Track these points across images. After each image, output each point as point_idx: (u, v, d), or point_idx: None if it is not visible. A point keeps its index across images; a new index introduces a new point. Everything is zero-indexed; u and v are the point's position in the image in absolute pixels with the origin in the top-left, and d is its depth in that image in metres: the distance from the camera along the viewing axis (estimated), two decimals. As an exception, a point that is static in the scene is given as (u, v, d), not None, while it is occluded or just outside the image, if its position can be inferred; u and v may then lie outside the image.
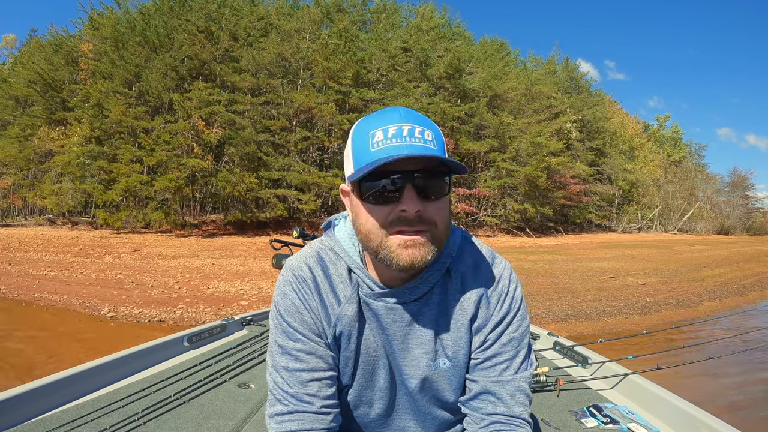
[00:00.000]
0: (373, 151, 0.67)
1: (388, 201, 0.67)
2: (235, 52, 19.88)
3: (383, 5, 27.12)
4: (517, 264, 12.25)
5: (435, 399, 0.82)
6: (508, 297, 0.78)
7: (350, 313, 0.77)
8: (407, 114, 0.69)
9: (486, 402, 0.76)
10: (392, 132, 0.67)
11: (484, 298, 0.78)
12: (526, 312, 0.81)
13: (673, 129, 50.36)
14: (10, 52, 34.06)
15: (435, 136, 0.69)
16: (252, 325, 2.44)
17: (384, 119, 0.69)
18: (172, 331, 3.11)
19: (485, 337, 0.77)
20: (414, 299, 0.76)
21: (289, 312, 0.77)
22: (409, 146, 0.66)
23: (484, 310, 0.78)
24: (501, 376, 0.76)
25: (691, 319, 8.31)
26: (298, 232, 2.16)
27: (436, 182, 0.68)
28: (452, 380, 0.80)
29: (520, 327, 0.79)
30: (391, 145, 0.66)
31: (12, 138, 20.12)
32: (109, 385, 1.61)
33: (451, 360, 0.78)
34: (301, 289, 0.78)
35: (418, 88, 20.94)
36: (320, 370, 0.76)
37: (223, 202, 19.55)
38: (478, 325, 0.78)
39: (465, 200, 21.89)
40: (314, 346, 0.76)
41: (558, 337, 2.29)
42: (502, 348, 0.77)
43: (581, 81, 32.69)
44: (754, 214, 50.40)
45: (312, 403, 0.74)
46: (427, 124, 0.70)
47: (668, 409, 1.47)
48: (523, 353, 0.78)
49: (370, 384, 0.81)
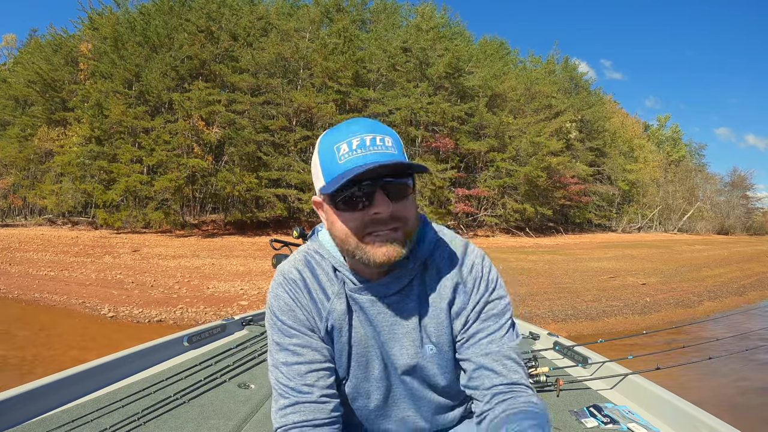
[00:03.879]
0: (341, 163, 0.72)
1: (360, 206, 0.73)
2: (234, 52, 19.89)
3: (383, 5, 27.13)
4: (517, 264, 12.25)
5: (428, 385, 0.86)
6: (483, 279, 0.83)
7: (339, 308, 0.82)
8: (367, 125, 0.75)
9: (482, 378, 0.79)
10: (356, 143, 0.72)
11: (461, 284, 0.82)
12: (505, 292, 0.85)
13: (673, 129, 50.45)
14: (10, 52, 34.03)
15: (394, 141, 0.75)
16: (252, 325, 2.44)
17: (347, 132, 0.74)
18: (172, 331, 3.10)
19: (466, 318, 0.82)
20: (395, 292, 0.81)
21: (282, 311, 0.82)
22: (375, 154, 0.72)
23: (461, 294, 0.82)
24: (487, 348, 0.80)
25: (691, 319, 8.31)
26: (298, 232, 2.16)
27: (402, 184, 0.74)
28: (441, 364, 0.84)
29: (498, 305, 0.83)
30: (357, 155, 0.72)
31: (12, 138, 20.11)
32: (109, 385, 1.61)
33: (437, 345, 0.83)
34: (292, 289, 0.83)
35: (417, 87, 20.92)
36: (317, 361, 0.80)
37: (223, 202, 19.55)
38: (457, 308, 0.82)
39: (465, 200, 21.87)
40: (309, 339, 0.81)
41: (558, 337, 2.29)
42: (483, 324, 0.81)
43: (581, 81, 32.68)
44: (754, 214, 50.42)
45: (311, 393, 0.78)
46: (386, 131, 0.76)
47: (668, 409, 1.47)
48: (505, 327, 0.82)
49: (365, 375, 0.85)
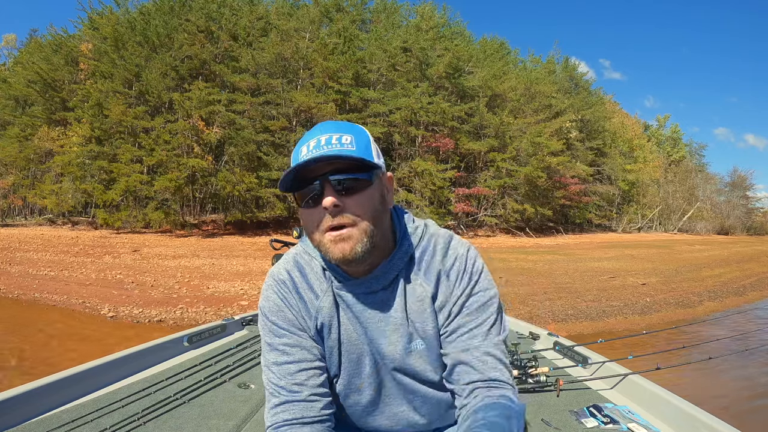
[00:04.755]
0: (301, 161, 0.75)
1: (316, 203, 0.74)
2: (234, 52, 19.88)
3: (383, 5, 27.13)
4: (517, 264, 12.25)
5: (419, 379, 0.85)
6: (467, 272, 0.82)
7: (327, 305, 0.82)
8: (329, 127, 0.77)
9: (462, 373, 0.79)
10: (313, 144, 0.74)
11: (444, 277, 0.82)
12: (491, 284, 0.84)
13: (673, 129, 50.45)
14: (10, 52, 34.06)
15: (355, 138, 0.76)
16: (252, 325, 2.44)
17: (310, 135, 0.76)
18: (172, 331, 3.10)
19: (448, 312, 0.81)
20: (381, 288, 0.81)
21: (272, 311, 0.83)
22: (323, 152, 0.72)
23: (444, 288, 0.82)
24: (467, 343, 0.79)
25: (691, 319, 8.31)
26: (298, 232, 2.16)
27: (351, 179, 0.74)
28: (430, 358, 0.83)
29: (483, 297, 0.81)
30: (309, 155, 0.73)
31: (12, 138, 20.10)
32: (109, 385, 1.61)
33: (425, 340, 0.83)
34: (281, 290, 0.84)
35: (417, 87, 20.91)
36: (306, 360, 0.81)
37: (223, 202, 19.55)
38: (441, 302, 0.82)
39: (465, 200, 21.87)
40: (298, 339, 0.82)
41: (558, 337, 2.29)
42: (464, 318, 0.80)
43: (581, 81, 32.66)
44: (754, 214, 50.37)
45: (300, 392, 0.78)
46: (347, 129, 0.77)
47: (668, 409, 1.47)
48: (489, 321, 0.81)
49: (357, 371, 0.85)
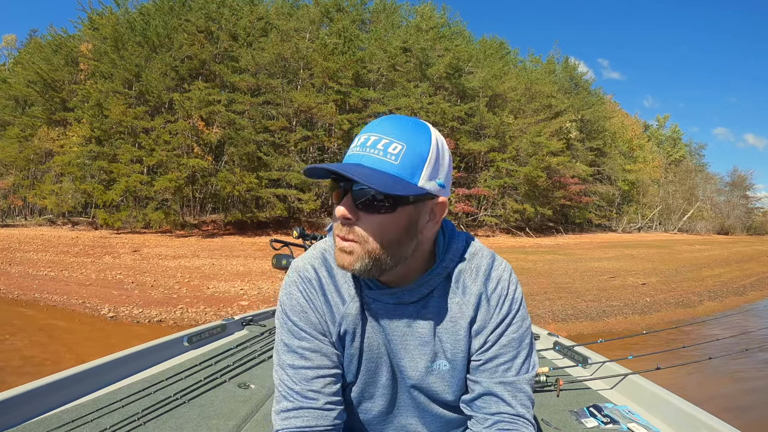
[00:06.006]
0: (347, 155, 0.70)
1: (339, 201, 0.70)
2: (234, 52, 19.86)
3: (383, 5, 27.10)
4: (517, 264, 12.26)
5: (434, 398, 0.83)
6: (508, 298, 0.78)
7: (354, 312, 0.78)
8: (384, 124, 0.69)
9: (490, 402, 0.77)
10: (362, 140, 0.68)
11: (484, 301, 0.78)
12: (527, 313, 0.81)
13: (673, 129, 50.46)
14: (10, 52, 34.06)
15: (406, 151, 0.66)
16: (252, 326, 2.44)
17: (370, 127, 0.70)
18: (172, 331, 3.10)
19: (485, 339, 0.78)
20: (413, 301, 0.77)
21: (295, 311, 0.78)
22: (356, 156, 0.67)
23: (484, 313, 0.78)
24: (503, 377, 0.76)
25: (691, 318, 8.31)
26: (298, 232, 2.17)
27: (370, 199, 0.66)
28: (451, 382, 0.80)
29: (521, 328, 0.78)
30: (351, 153, 0.68)
31: (12, 138, 20.07)
32: (109, 385, 1.60)
33: (451, 362, 0.79)
34: (306, 289, 0.79)
35: (417, 87, 20.91)
36: (325, 367, 0.77)
37: (223, 202, 19.54)
38: (478, 327, 0.78)
39: (465, 200, 21.87)
40: (319, 344, 0.78)
41: (558, 337, 2.29)
42: (503, 349, 0.77)
43: (581, 80, 32.67)
44: (754, 214, 50.38)
45: (316, 399, 0.75)
46: (405, 135, 0.67)
47: (668, 409, 1.47)
48: (524, 354, 0.78)
49: (373, 381, 0.83)
